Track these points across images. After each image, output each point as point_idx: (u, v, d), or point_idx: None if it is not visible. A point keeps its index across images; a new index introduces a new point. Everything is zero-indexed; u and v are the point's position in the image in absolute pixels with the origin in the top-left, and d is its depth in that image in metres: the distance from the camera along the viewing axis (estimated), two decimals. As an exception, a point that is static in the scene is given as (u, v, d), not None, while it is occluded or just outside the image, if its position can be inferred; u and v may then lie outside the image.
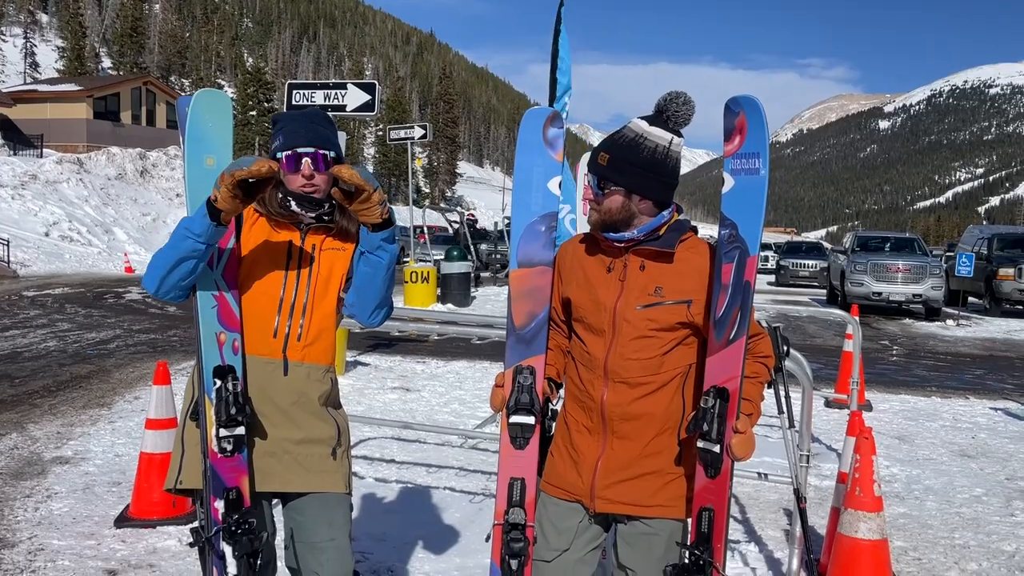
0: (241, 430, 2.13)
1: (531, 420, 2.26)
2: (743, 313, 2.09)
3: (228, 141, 2.19)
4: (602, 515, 2.26)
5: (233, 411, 2.11)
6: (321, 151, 2.22)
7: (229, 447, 2.12)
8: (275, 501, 2.39)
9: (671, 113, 2.16)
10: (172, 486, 2.29)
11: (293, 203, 2.24)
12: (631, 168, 2.13)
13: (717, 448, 2.06)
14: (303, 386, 2.29)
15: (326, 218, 2.30)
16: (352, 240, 2.35)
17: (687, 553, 2.12)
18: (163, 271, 2.13)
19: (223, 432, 2.11)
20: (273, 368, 2.26)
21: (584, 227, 2.47)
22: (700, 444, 2.09)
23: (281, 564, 2.42)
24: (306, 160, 2.20)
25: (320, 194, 2.25)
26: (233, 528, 2.13)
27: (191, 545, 2.17)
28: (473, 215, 33.94)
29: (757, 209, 2.10)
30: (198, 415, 2.20)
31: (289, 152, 2.21)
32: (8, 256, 22.37)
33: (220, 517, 2.15)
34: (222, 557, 2.15)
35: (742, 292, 2.10)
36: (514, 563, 2.24)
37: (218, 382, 2.12)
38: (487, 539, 2.35)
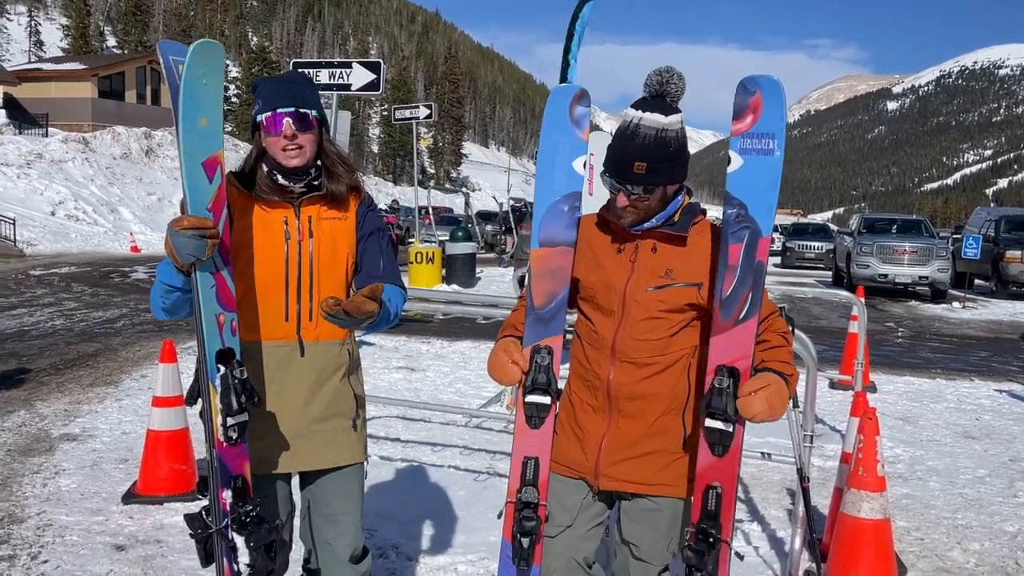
0: (245, 416, 2.08)
1: (547, 400, 2.26)
2: (755, 293, 2.08)
3: (219, 99, 2.06)
4: (606, 492, 2.28)
5: (243, 399, 2.05)
6: (302, 110, 2.17)
7: (235, 435, 2.06)
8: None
9: (673, 94, 2.13)
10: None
11: (280, 176, 2.19)
12: (666, 165, 2.10)
13: (730, 427, 2.06)
14: (322, 363, 2.27)
15: (315, 184, 2.24)
16: (347, 206, 2.30)
17: (696, 531, 2.11)
18: (169, 312, 2.15)
19: (230, 421, 2.04)
20: (290, 351, 2.24)
21: (589, 210, 2.43)
22: (709, 424, 2.06)
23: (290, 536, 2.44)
24: (287, 120, 2.15)
25: (305, 158, 2.19)
26: (244, 519, 2.09)
27: (191, 536, 2.11)
28: (519, 200, 33.66)
29: (771, 189, 2.08)
30: (195, 400, 2.13)
31: (269, 113, 2.16)
32: (14, 235, 22.42)
33: (229, 508, 2.10)
34: (233, 548, 2.12)
35: (753, 272, 2.08)
36: (525, 541, 2.25)
37: (222, 368, 2.04)
38: (499, 516, 2.36)
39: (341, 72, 9.57)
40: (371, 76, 9.53)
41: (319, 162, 2.25)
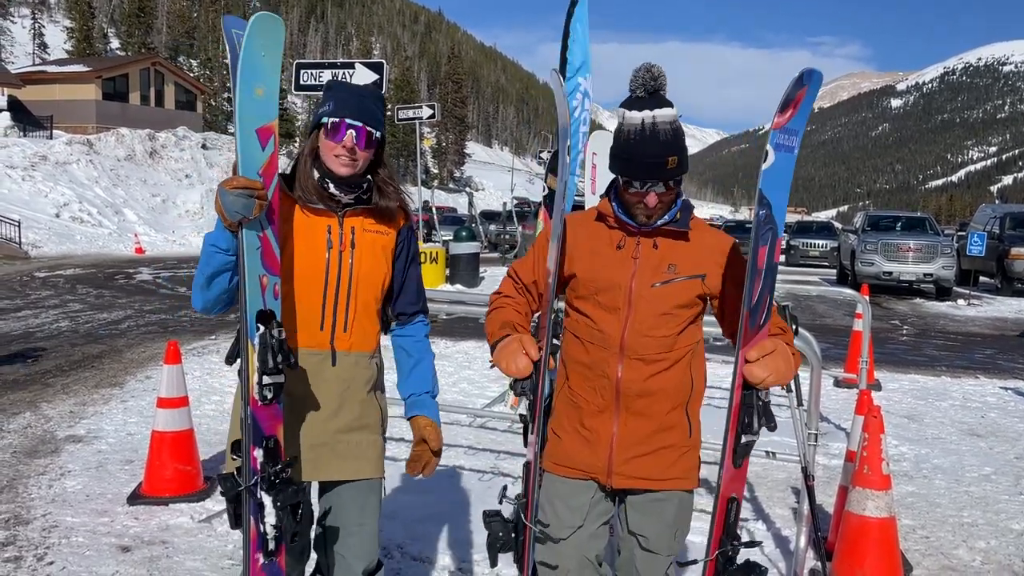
0: (281, 377, 2.07)
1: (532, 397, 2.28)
2: (771, 296, 2.09)
3: (277, 70, 2.09)
4: (613, 490, 2.28)
5: (279, 359, 2.04)
6: (368, 127, 2.18)
7: (270, 395, 2.06)
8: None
9: (664, 87, 2.17)
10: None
11: (331, 185, 2.18)
12: (686, 155, 2.17)
13: (756, 439, 2.05)
14: (351, 374, 2.27)
15: (364, 197, 2.25)
16: (391, 223, 2.30)
17: (719, 555, 2.09)
18: (204, 289, 2.11)
19: (266, 379, 2.04)
20: (322, 359, 2.23)
21: (591, 204, 2.43)
22: (745, 439, 2.04)
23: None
24: (351, 132, 2.15)
25: (355, 170, 2.19)
26: (273, 478, 2.08)
27: (222, 494, 2.11)
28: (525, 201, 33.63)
29: (786, 188, 2.07)
30: (234, 359, 2.14)
31: (337, 119, 2.15)
32: (19, 237, 22.47)
33: (259, 467, 2.08)
34: (261, 507, 2.11)
35: (772, 275, 2.07)
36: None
37: (261, 328, 2.04)
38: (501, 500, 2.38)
39: (344, 73, 9.59)
40: (374, 76, 9.55)
41: (369, 176, 2.25)
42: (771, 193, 2.04)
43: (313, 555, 2.38)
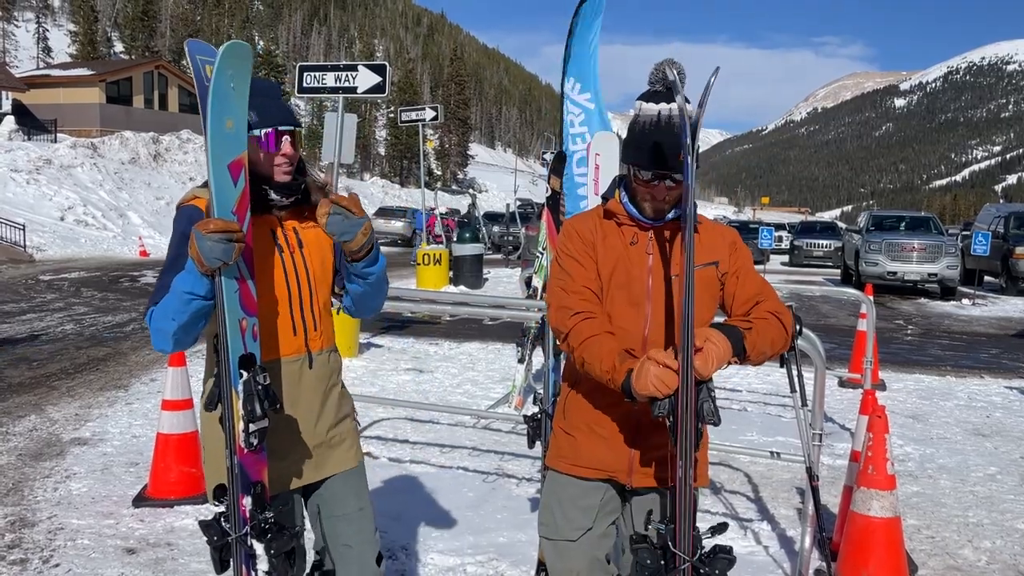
0: (267, 422, 2.03)
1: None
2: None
3: (245, 101, 2.04)
4: (622, 487, 2.27)
5: (266, 405, 2.01)
6: (296, 128, 2.18)
7: (256, 441, 2.02)
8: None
9: (683, 84, 2.17)
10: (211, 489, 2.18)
11: (272, 192, 2.17)
12: (699, 150, 2.16)
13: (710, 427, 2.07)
14: (328, 371, 2.30)
15: (299, 196, 2.23)
16: (315, 213, 2.28)
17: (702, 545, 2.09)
18: (178, 334, 2.01)
19: (252, 427, 2.00)
20: (300, 364, 2.23)
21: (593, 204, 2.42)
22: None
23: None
24: (287, 138, 2.15)
25: (292, 174, 2.19)
26: (264, 526, 2.06)
27: (208, 543, 2.06)
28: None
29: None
30: (214, 406, 2.08)
31: (270, 130, 2.13)
32: (24, 240, 22.52)
33: (248, 515, 2.06)
34: (252, 556, 2.08)
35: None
36: None
37: (244, 374, 2.00)
38: None
39: (347, 75, 9.57)
40: (377, 79, 9.53)
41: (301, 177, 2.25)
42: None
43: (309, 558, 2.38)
